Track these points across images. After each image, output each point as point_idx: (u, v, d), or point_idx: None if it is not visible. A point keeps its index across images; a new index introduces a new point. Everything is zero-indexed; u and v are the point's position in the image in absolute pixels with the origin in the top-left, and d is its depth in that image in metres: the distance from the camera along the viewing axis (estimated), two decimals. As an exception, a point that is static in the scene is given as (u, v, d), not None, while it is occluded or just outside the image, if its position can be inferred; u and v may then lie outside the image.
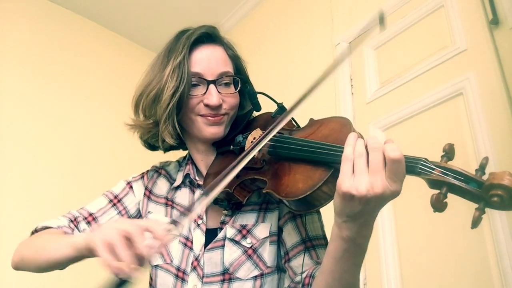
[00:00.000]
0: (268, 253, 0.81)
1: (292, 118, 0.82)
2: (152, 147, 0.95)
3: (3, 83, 2.56)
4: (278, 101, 0.87)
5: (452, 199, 0.54)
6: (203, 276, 0.80)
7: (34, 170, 2.53)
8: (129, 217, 0.92)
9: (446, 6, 1.68)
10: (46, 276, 2.35)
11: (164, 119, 0.82)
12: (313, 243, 0.80)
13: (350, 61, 2.04)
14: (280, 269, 0.84)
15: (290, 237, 0.82)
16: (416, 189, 1.50)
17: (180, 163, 1.00)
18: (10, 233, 2.34)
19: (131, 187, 0.96)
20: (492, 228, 1.27)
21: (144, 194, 0.94)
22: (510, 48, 1.41)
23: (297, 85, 2.16)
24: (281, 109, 0.85)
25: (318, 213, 0.86)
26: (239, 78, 0.89)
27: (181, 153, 1.02)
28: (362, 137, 0.62)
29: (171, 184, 0.95)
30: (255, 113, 0.94)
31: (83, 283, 2.41)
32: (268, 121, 0.85)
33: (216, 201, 0.83)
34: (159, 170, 1.00)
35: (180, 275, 0.82)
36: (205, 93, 0.83)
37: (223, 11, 3.08)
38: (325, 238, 0.83)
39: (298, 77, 2.26)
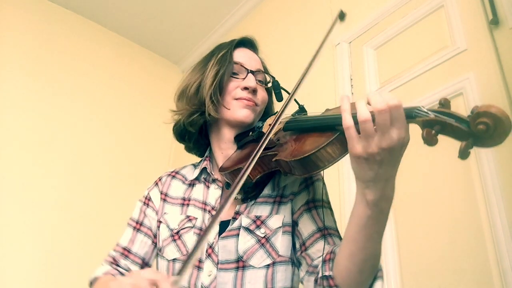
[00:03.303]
0: (280, 242, 0.84)
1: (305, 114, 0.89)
2: (182, 135, 1.01)
3: (3, 83, 2.56)
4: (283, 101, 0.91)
5: (452, 199, 0.54)
6: (218, 263, 0.83)
7: (35, 171, 2.53)
8: (154, 234, 0.97)
9: (446, 6, 1.68)
10: (45, 276, 2.34)
11: (209, 96, 0.91)
12: (329, 231, 0.83)
13: (350, 61, 2.04)
14: (293, 262, 0.85)
15: (306, 227, 0.84)
16: (417, 189, 1.50)
17: (195, 165, 1.05)
18: (10, 233, 2.34)
19: (149, 200, 1.00)
20: (492, 228, 1.26)
21: (161, 198, 0.99)
22: (510, 48, 1.41)
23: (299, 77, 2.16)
24: (302, 110, 0.89)
25: (331, 209, 0.90)
26: (271, 77, 1.00)
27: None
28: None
29: (187, 184, 0.99)
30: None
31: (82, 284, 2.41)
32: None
33: (228, 185, 0.88)
34: (172, 174, 1.05)
35: (196, 264, 0.85)
36: (244, 78, 0.94)
37: (222, 12, 3.08)
38: (338, 231, 0.86)
39: (298, 77, 2.26)
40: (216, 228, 0.87)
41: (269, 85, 1.00)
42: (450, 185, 1.43)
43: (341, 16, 0.86)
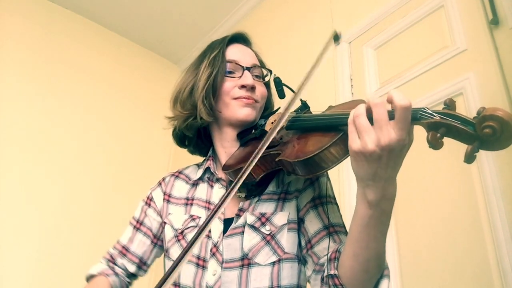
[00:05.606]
0: (286, 239, 0.83)
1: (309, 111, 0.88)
2: (182, 140, 1.01)
3: (3, 83, 2.56)
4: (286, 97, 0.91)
5: (452, 199, 0.54)
6: (222, 262, 0.83)
7: (34, 171, 2.53)
8: (154, 234, 0.98)
9: (446, 6, 1.68)
10: (46, 275, 2.33)
11: (201, 99, 0.90)
12: (335, 229, 0.82)
13: (350, 61, 2.04)
14: (300, 260, 0.85)
15: (313, 224, 0.83)
16: (417, 190, 1.50)
17: (199, 165, 1.04)
18: (10, 233, 2.34)
19: (150, 200, 1.00)
20: (492, 228, 1.26)
21: (164, 199, 0.99)
22: (510, 48, 1.41)
23: (297, 86, 2.16)
24: (304, 106, 0.87)
25: (337, 205, 0.89)
26: (268, 70, 0.99)
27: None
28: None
29: (191, 184, 0.99)
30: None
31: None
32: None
33: (230, 183, 0.87)
34: (175, 174, 1.04)
35: (201, 263, 0.84)
36: (240, 76, 0.92)
37: (222, 12, 3.08)
38: (345, 227, 0.84)
39: (298, 77, 2.26)
40: (220, 227, 0.87)
41: (267, 79, 0.99)
42: (450, 185, 1.43)
43: (336, 38, 0.83)
